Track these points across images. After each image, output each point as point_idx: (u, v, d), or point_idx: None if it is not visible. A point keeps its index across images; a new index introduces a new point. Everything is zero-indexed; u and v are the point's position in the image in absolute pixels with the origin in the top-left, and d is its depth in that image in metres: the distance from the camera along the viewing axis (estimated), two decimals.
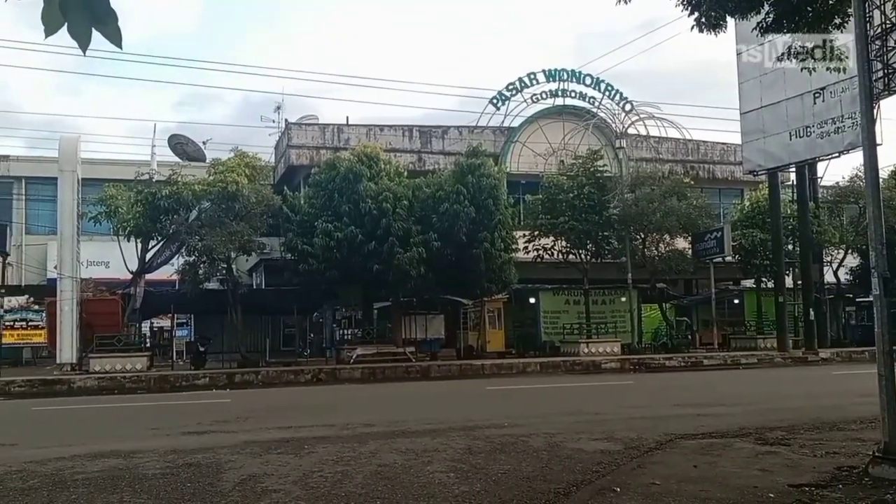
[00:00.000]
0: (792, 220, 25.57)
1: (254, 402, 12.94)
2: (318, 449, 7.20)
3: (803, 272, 24.19)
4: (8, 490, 5.53)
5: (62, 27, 2.56)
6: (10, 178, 30.11)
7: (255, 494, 5.38)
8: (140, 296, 21.45)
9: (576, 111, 29.32)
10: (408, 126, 28.80)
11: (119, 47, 2.64)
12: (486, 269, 21.11)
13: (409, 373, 19.30)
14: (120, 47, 2.65)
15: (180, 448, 7.39)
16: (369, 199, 19.99)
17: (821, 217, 26.00)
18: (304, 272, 20.45)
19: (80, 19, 2.55)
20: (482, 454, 6.79)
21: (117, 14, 2.60)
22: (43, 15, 2.53)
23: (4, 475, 6.05)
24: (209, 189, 20.61)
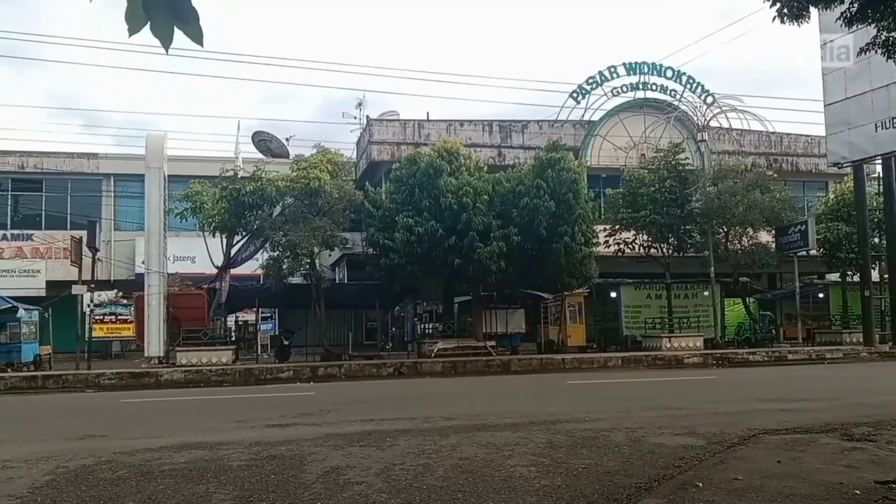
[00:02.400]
0: (878, 212, 24.45)
1: (337, 395, 13.15)
2: (400, 442, 7.23)
3: (890, 266, 23.11)
4: (98, 480, 5.72)
5: (145, 26, 2.60)
6: (100, 175, 31.25)
7: (338, 486, 5.42)
8: (225, 290, 22.07)
9: (657, 104, 28.77)
10: (488, 121, 28.78)
11: (201, 45, 2.67)
12: (567, 263, 20.88)
13: (490, 367, 19.29)
14: (201, 45, 2.68)
15: (264, 440, 7.54)
16: (450, 193, 20.02)
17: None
18: (385, 267, 20.66)
19: (162, 18, 2.59)
20: (563, 448, 6.70)
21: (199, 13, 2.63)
22: (127, 14, 2.58)
23: (95, 466, 6.27)
24: (292, 185, 21.03)
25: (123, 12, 2.55)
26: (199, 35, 2.65)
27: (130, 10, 2.57)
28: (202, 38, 2.65)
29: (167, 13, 2.59)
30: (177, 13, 2.60)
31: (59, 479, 5.78)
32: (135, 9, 2.56)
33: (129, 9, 2.57)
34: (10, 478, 5.84)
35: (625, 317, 24.36)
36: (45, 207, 30.86)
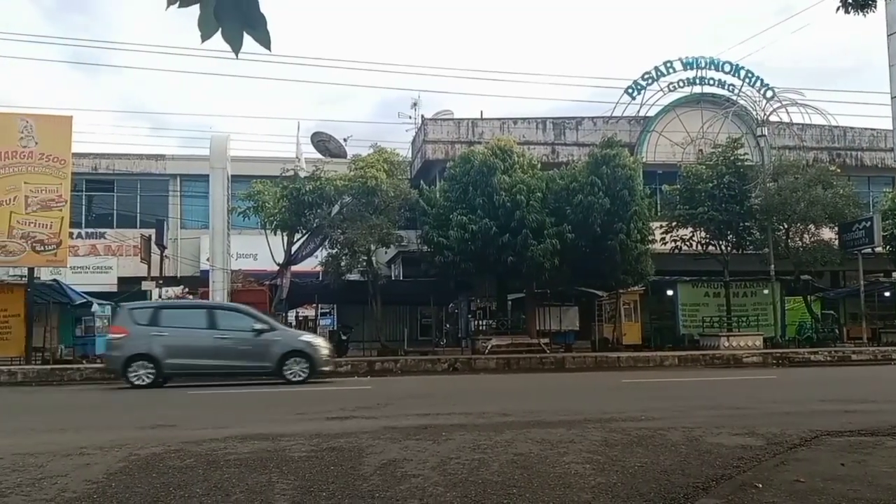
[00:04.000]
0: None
1: (393, 390, 13.31)
2: (455, 436, 7.28)
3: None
4: (167, 468, 5.92)
5: (217, 32, 2.69)
6: (166, 175, 32.29)
7: (395, 479, 5.48)
8: (286, 286, 22.53)
9: (714, 99, 28.26)
10: (541, 118, 28.67)
11: (269, 50, 2.76)
12: (622, 260, 20.71)
13: (544, 364, 19.27)
14: (269, 50, 2.76)
15: (324, 432, 7.68)
16: (503, 191, 20.06)
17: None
18: (439, 264, 20.83)
19: (232, 24, 2.67)
20: (618, 446, 6.66)
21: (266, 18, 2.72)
22: (199, 22, 2.67)
23: (164, 454, 6.48)
24: (350, 184, 21.38)
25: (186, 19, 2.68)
26: (267, 40, 2.73)
27: (203, 17, 2.67)
28: (270, 42, 2.73)
29: (237, 19, 2.67)
30: (246, 19, 2.68)
31: (132, 465, 6.01)
32: (207, 16, 2.66)
33: (202, 16, 2.67)
34: (86, 464, 6.11)
35: (682, 315, 24.02)
36: (117, 207, 32.03)
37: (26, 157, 19.49)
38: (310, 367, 14.69)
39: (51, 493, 5.13)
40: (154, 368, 14.33)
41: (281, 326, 16.20)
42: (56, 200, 19.64)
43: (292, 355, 14.67)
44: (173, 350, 14.35)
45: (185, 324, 14.97)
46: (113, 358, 14.80)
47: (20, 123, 19.70)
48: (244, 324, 14.88)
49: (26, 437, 7.75)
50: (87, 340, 21.74)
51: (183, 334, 14.62)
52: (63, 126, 20.38)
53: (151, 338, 14.37)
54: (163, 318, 14.88)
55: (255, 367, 14.77)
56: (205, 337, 14.61)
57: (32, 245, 19.36)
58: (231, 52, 2.73)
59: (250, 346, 14.62)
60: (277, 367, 14.53)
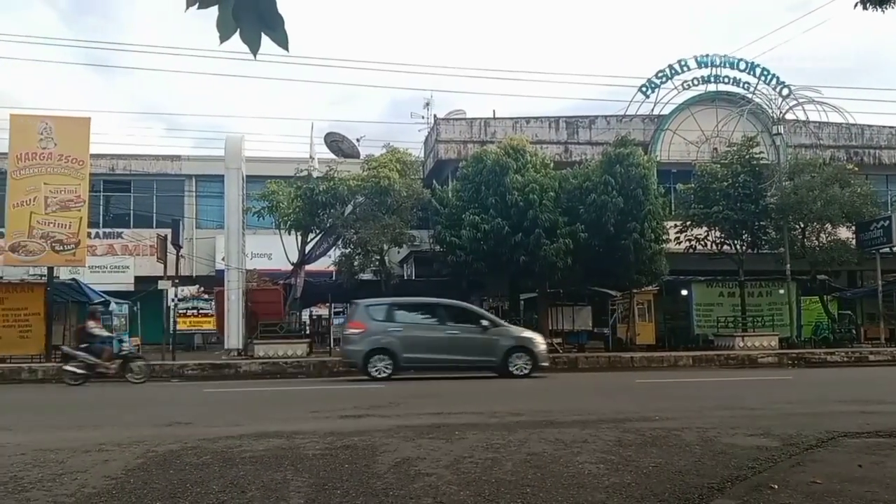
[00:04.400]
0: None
1: (406, 389, 13.33)
2: (468, 435, 7.30)
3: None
4: (184, 464, 5.99)
5: (235, 33, 2.70)
6: (182, 176, 32.59)
7: (409, 477, 5.51)
8: (300, 286, 22.65)
9: (729, 97, 28.08)
10: (554, 117, 28.64)
11: (286, 50, 2.77)
12: (636, 260, 20.65)
13: (556, 364, 19.20)
14: (287, 50, 2.78)
15: (338, 430, 7.73)
16: (516, 191, 20.06)
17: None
18: (452, 263, 20.87)
19: (251, 25, 2.69)
20: (632, 447, 6.67)
21: (284, 18, 2.73)
22: (218, 23, 2.69)
23: (181, 451, 6.55)
24: (363, 184, 21.47)
25: (201, 21, 2.70)
26: (285, 40, 2.74)
27: (221, 18, 2.68)
28: (287, 42, 2.74)
29: (255, 20, 2.69)
30: (264, 20, 2.70)
31: (149, 462, 6.09)
32: (225, 17, 2.67)
33: (220, 17, 2.68)
34: (105, 460, 6.20)
35: (696, 315, 23.89)
36: (134, 207, 32.38)
37: (46, 159, 19.72)
38: (532, 362, 15.35)
39: (71, 488, 5.21)
40: (391, 362, 15.02)
41: (503, 323, 16.79)
42: (75, 201, 19.85)
43: (516, 351, 15.34)
44: (409, 345, 15.10)
45: (417, 320, 15.91)
46: (353, 352, 15.41)
47: (40, 125, 19.92)
48: (471, 320, 15.84)
49: (47, 434, 7.85)
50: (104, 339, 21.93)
51: (417, 330, 15.47)
52: (81, 127, 20.58)
53: (388, 333, 15.15)
54: (397, 314, 15.73)
55: (483, 362, 15.46)
56: (437, 332, 15.48)
57: (52, 245, 19.58)
58: (245, 53, 2.76)
59: (478, 342, 15.35)
60: (503, 362, 15.20)
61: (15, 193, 19.64)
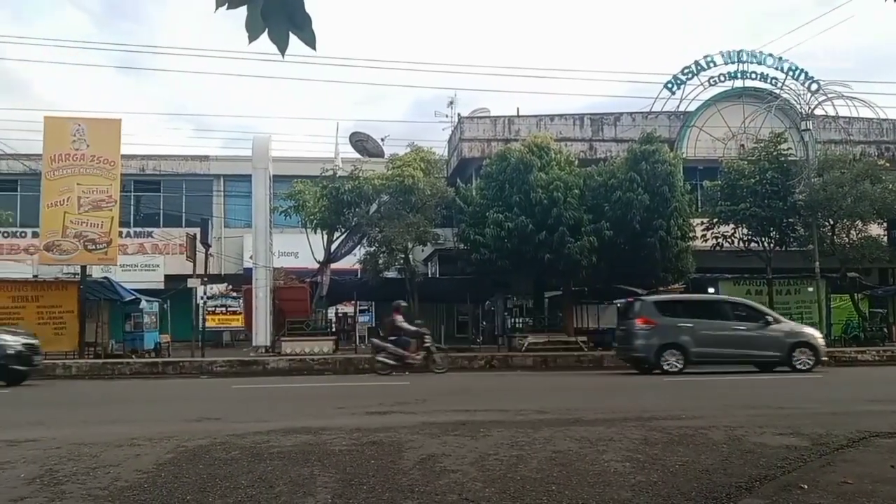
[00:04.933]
0: None
1: (430, 386, 13.39)
2: (493, 433, 7.30)
3: None
4: (214, 459, 6.06)
5: (263, 33, 2.73)
6: (210, 176, 33.04)
7: (435, 473, 5.53)
8: (326, 284, 22.82)
9: (756, 93, 27.73)
10: (578, 114, 28.51)
11: (314, 49, 2.79)
12: (662, 257, 20.50)
13: (581, 362, 19.17)
14: (314, 49, 2.80)
15: (364, 427, 7.78)
16: (540, 188, 20.00)
17: None
18: (476, 262, 20.86)
19: (279, 25, 2.72)
20: (658, 445, 6.62)
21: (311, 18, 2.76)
22: (247, 23, 2.72)
23: (210, 446, 6.63)
24: (388, 183, 21.60)
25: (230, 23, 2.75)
26: (313, 39, 2.77)
27: (250, 18, 2.71)
28: (315, 42, 2.76)
29: (283, 20, 2.72)
30: (292, 19, 2.73)
31: (179, 457, 6.18)
32: (254, 17, 2.71)
33: (249, 17, 2.71)
34: (137, 454, 6.30)
35: None
36: (163, 207, 32.87)
37: (78, 160, 20.06)
38: (815, 356, 15.68)
39: (104, 481, 5.31)
40: (683, 356, 15.44)
41: (784, 319, 17.05)
42: (106, 201, 20.18)
43: (799, 346, 15.73)
44: (699, 340, 15.52)
45: (703, 315, 16.17)
46: (644, 346, 15.72)
47: (73, 127, 20.28)
48: (755, 316, 16.12)
49: (81, 428, 8.01)
50: (135, 336, 22.30)
51: (705, 325, 15.77)
52: (112, 129, 20.92)
53: (679, 329, 15.60)
54: (682, 310, 16.31)
55: (767, 356, 15.78)
56: (726, 328, 15.84)
57: (84, 244, 19.93)
58: (272, 53, 2.80)
59: (764, 338, 15.69)
60: (787, 357, 15.58)
61: (49, 194, 20.02)
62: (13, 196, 30.51)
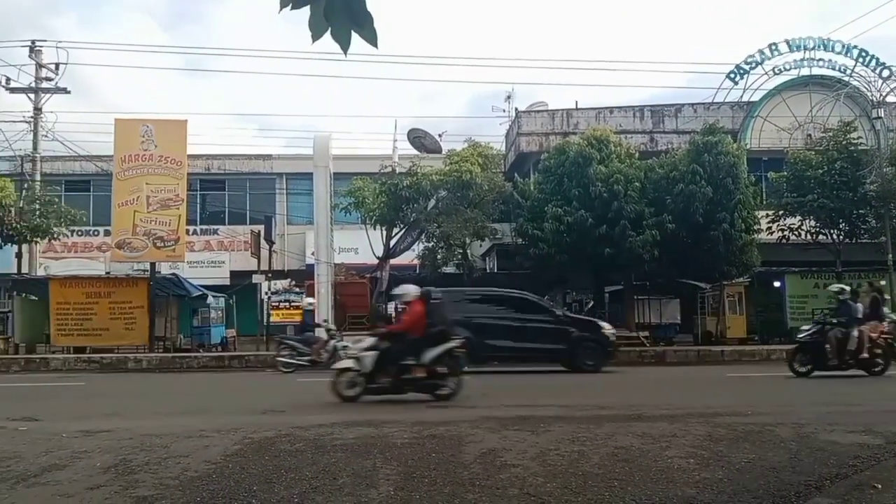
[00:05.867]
0: None
1: (490, 380, 13.39)
2: (554, 428, 7.27)
3: None
4: (279, 451, 6.20)
5: (326, 32, 2.76)
6: (273, 174, 33.67)
7: (495, 468, 5.54)
8: (385, 279, 23.07)
9: (824, 81, 26.80)
10: (638, 106, 28.09)
11: (375, 47, 2.81)
12: (725, 251, 20.06)
13: (643, 357, 18.91)
14: (376, 47, 2.82)
15: (424, 420, 7.84)
16: (599, 182, 19.79)
17: None
18: (534, 256, 20.76)
19: (341, 24, 2.75)
20: (724, 442, 6.50)
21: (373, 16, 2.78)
22: (310, 23, 2.76)
23: (276, 438, 6.79)
24: (445, 179, 21.68)
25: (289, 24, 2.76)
26: (374, 37, 2.79)
27: (313, 18, 2.75)
28: (376, 39, 2.79)
29: (346, 19, 2.75)
30: (354, 18, 2.75)
31: (246, 448, 6.34)
32: (317, 17, 2.75)
33: (312, 17, 2.75)
34: (205, 445, 6.50)
35: (790, 308, 22.92)
36: (228, 205, 33.69)
37: (147, 160, 20.72)
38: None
39: (175, 471, 5.49)
40: None
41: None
42: (174, 199, 20.80)
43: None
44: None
45: None
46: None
47: (141, 128, 20.96)
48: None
49: (152, 420, 8.30)
50: (202, 330, 22.96)
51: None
52: (179, 130, 21.54)
53: None
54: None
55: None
56: None
57: (153, 241, 20.59)
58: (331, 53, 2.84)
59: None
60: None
61: (120, 193, 20.73)
62: (86, 196, 31.65)
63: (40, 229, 22.27)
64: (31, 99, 26.06)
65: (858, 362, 13.23)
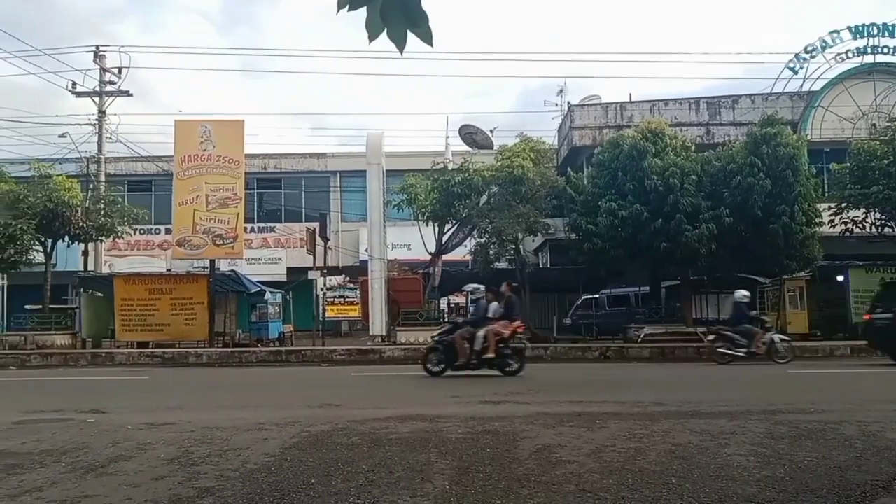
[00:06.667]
0: None
1: (544, 377, 13.36)
2: (610, 424, 7.22)
3: None
4: (336, 444, 6.30)
5: (382, 32, 2.77)
6: (328, 172, 34.24)
7: (550, 464, 5.53)
8: (438, 275, 23.17)
9: (889, 69, 25.95)
10: (694, 98, 27.57)
11: (430, 45, 2.81)
12: (785, 244, 19.56)
13: (701, 353, 18.56)
14: (431, 45, 2.82)
15: (479, 415, 7.87)
16: (654, 175, 19.49)
17: None
18: (588, 251, 20.56)
19: (397, 24, 2.76)
20: (785, 440, 6.35)
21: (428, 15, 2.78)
22: (367, 23, 2.77)
23: (332, 431, 6.90)
24: (497, 174, 21.64)
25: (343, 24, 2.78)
26: (429, 36, 2.80)
27: (370, 18, 2.76)
28: (431, 38, 2.79)
29: (402, 18, 2.75)
30: (410, 17, 2.76)
31: (304, 441, 6.47)
32: (374, 17, 2.76)
33: (369, 17, 2.76)
34: (264, 438, 6.65)
35: (854, 302, 22.18)
36: (284, 203, 34.34)
37: (206, 160, 21.22)
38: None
39: (235, 463, 5.63)
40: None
41: None
42: (232, 198, 21.26)
43: None
44: None
45: None
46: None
47: (200, 129, 21.48)
48: None
49: (213, 413, 8.52)
50: (261, 325, 23.46)
51: None
52: (236, 130, 22.00)
53: None
54: None
55: None
56: None
57: (213, 239, 21.09)
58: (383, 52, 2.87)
59: None
60: None
61: (180, 193, 21.29)
62: (147, 195, 32.63)
63: (105, 228, 23.06)
64: (95, 102, 27.03)
65: (485, 361, 12.90)
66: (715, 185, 19.95)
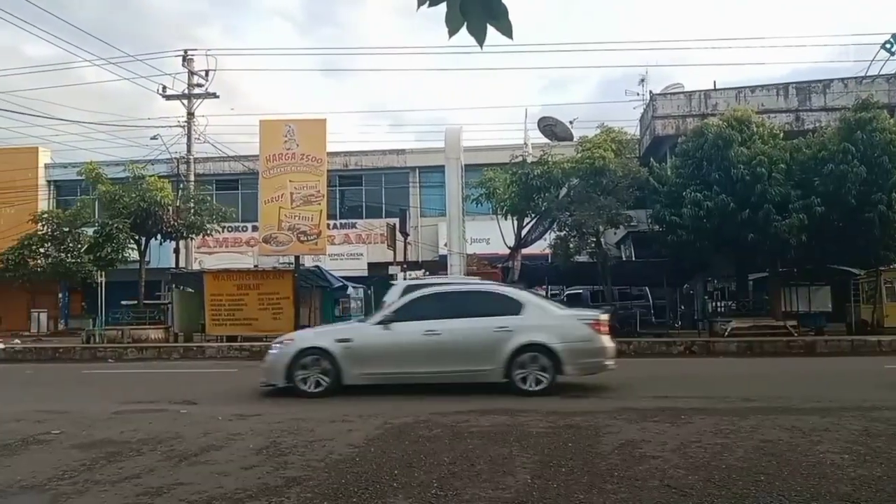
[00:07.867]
0: None
1: (627, 371, 13.10)
2: (695, 420, 7.11)
3: None
4: (418, 436, 6.42)
5: (462, 27, 2.79)
6: (406, 168, 34.64)
7: (634, 459, 5.50)
8: (517, 269, 23.09)
9: None
10: (782, 84, 26.51)
11: (510, 38, 2.83)
12: (882, 234, 18.65)
13: (791, 348, 17.92)
14: (511, 38, 2.84)
15: (561, 409, 7.86)
16: (741, 164, 18.89)
17: None
18: (672, 243, 20.10)
19: (477, 18, 2.78)
20: (882, 437, 6.10)
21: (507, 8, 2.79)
22: (447, 19, 2.80)
23: (415, 424, 7.03)
24: (577, 166, 21.39)
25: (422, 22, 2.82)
26: (509, 29, 2.81)
27: (450, 14, 2.79)
28: (511, 31, 2.80)
29: (482, 12, 2.78)
30: (490, 11, 2.78)
31: (387, 433, 6.62)
32: (454, 12, 2.79)
33: (449, 13, 2.79)
34: (349, 430, 6.84)
35: None
36: (365, 199, 35.01)
37: (290, 159, 21.79)
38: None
39: (320, 454, 5.82)
40: None
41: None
42: (315, 195, 21.76)
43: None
44: None
45: None
46: None
47: (284, 128, 22.06)
48: None
49: (300, 405, 8.75)
50: (344, 319, 23.92)
51: None
52: (318, 128, 22.50)
53: None
54: None
55: None
56: None
57: (297, 236, 21.64)
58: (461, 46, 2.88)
59: None
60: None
61: (266, 191, 21.93)
62: (235, 194, 33.78)
63: (195, 226, 24.00)
64: (184, 105, 28.14)
65: None
66: (805, 173, 19.19)
